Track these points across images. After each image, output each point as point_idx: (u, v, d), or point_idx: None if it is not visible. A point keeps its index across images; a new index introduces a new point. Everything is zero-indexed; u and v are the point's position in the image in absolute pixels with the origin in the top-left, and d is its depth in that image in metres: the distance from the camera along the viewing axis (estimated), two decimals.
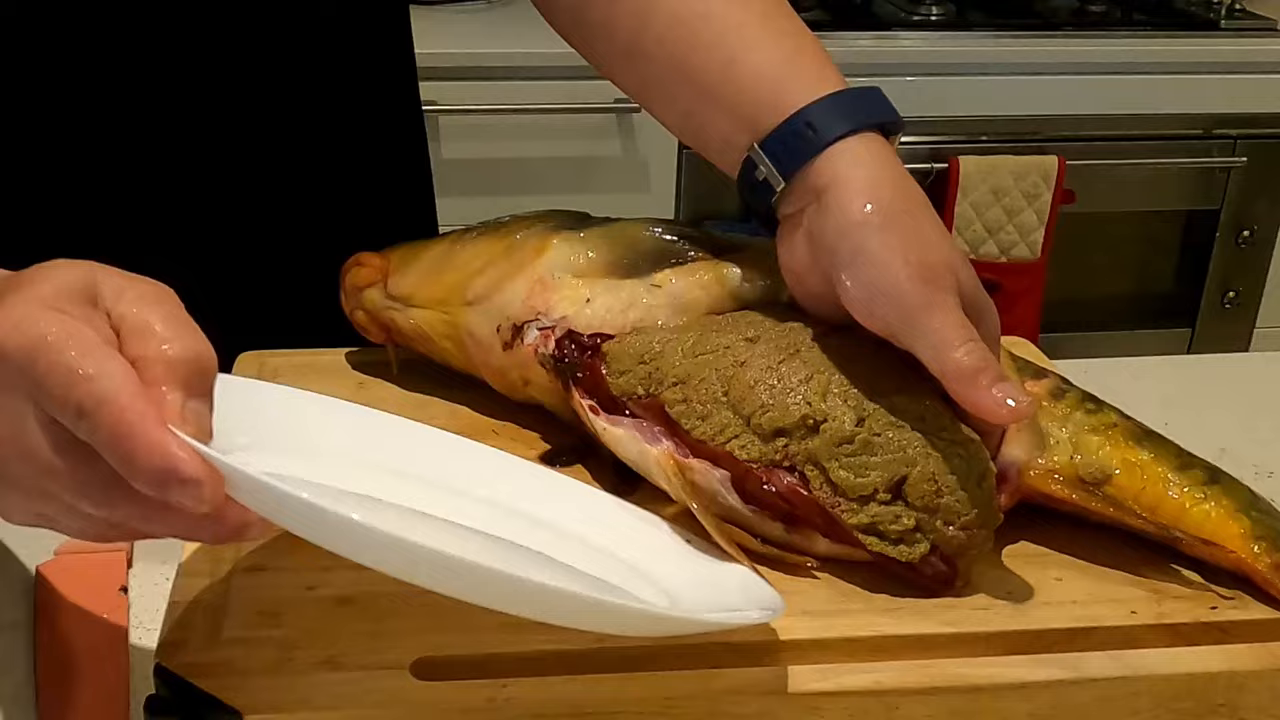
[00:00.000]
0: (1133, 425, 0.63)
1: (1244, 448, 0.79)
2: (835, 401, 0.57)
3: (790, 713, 0.53)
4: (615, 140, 1.79)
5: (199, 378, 0.45)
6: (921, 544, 0.56)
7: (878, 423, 0.57)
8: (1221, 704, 0.55)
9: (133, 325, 0.44)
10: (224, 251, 0.83)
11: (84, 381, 0.41)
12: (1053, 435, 0.61)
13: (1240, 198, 1.98)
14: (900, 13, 1.99)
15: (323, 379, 0.73)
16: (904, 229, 0.58)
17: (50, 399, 0.42)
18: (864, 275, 0.58)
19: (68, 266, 0.46)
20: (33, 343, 0.42)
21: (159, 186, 0.79)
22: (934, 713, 0.53)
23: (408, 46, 0.91)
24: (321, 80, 0.83)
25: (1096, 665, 0.54)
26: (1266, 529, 0.59)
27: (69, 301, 0.44)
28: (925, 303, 0.56)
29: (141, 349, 0.44)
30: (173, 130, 0.78)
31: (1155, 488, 0.60)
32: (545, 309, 0.64)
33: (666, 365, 0.61)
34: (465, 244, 0.69)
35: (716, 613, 0.52)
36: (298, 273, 0.84)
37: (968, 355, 0.55)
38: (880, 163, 0.61)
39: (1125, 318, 2.09)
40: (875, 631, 0.55)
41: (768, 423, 0.57)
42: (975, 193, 1.85)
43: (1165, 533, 0.59)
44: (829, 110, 0.61)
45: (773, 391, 0.58)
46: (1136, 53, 1.91)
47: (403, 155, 0.93)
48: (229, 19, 0.77)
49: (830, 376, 0.58)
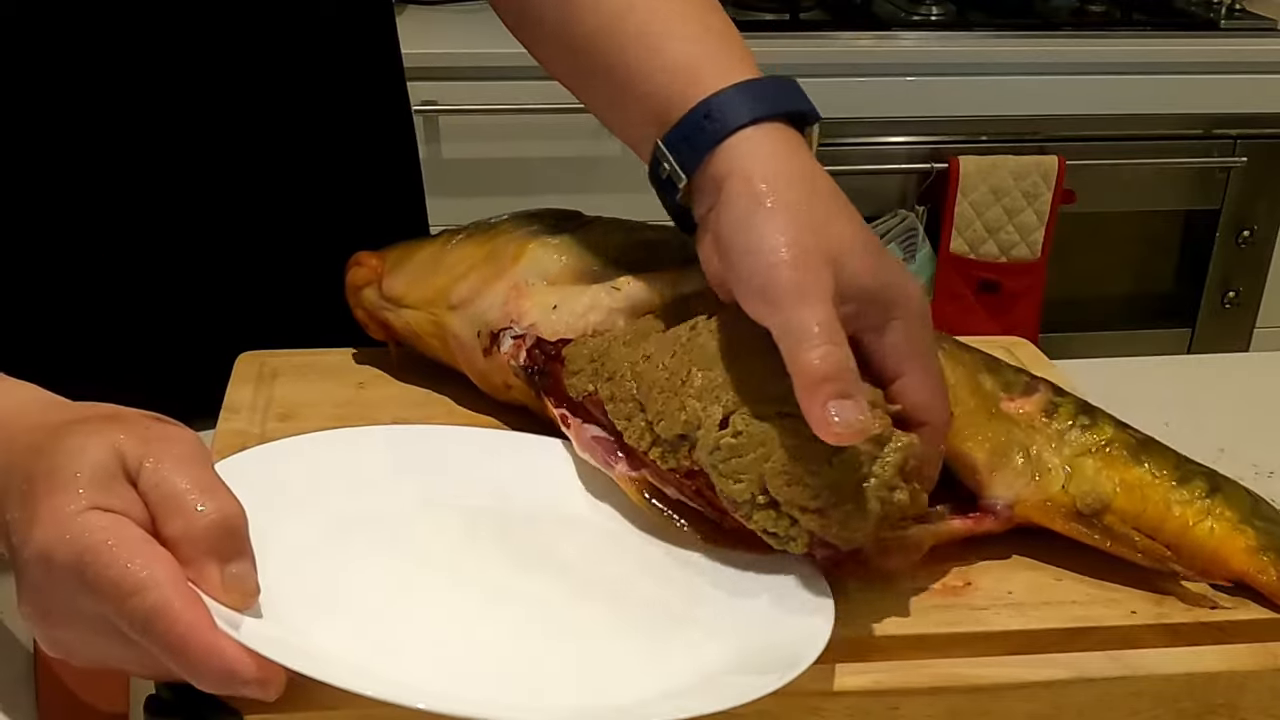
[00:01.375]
0: (1129, 438, 0.61)
1: (1244, 448, 0.79)
2: (709, 400, 0.56)
3: (790, 713, 0.53)
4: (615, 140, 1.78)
5: (232, 539, 0.47)
6: (801, 536, 0.54)
7: (742, 419, 0.55)
8: (1221, 704, 0.55)
9: (164, 497, 0.47)
10: (220, 253, 0.83)
11: (134, 595, 0.45)
12: (1047, 462, 0.60)
13: (1240, 198, 1.98)
14: (900, 13, 1.99)
15: (323, 379, 0.73)
16: (789, 216, 0.55)
17: (105, 607, 0.45)
18: (743, 262, 0.55)
19: (94, 442, 0.47)
20: (78, 555, 0.45)
21: (154, 188, 0.79)
22: (934, 713, 0.53)
23: (394, 46, 0.91)
24: (309, 80, 0.83)
25: (1096, 665, 0.54)
26: (1272, 539, 0.58)
27: (104, 492, 0.46)
28: (792, 292, 0.53)
29: (179, 527, 0.47)
30: (165, 132, 0.78)
31: (1156, 509, 0.59)
32: (518, 316, 0.64)
33: (608, 362, 0.61)
34: (453, 247, 0.70)
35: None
36: (294, 273, 0.84)
37: (820, 359, 0.51)
38: (780, 153, 0.57)
39: (1125, 318, 2.09)
40: (875, 631, 0.55)
41: (664, 431, 0.57)
42: (975, 193, 1.85)
43: (1165, 565, 0.58)
44: (729, 101, 0.58)
45: (664, 395, 0.57)
46: (1136, 53, 1.91)
47: (392, 155, 0.93)
48: (217, 21, 0.78)
49: (708, 374, 0.57)
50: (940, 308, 1.92)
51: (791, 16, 1.95)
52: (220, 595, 0.47)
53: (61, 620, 0.47)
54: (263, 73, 0.81)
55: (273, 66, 0.81)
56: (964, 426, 0.60)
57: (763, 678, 0.49)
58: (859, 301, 0.55)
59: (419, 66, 1.72)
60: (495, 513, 0.60)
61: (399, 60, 0.92)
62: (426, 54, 1.73)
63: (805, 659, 0.50)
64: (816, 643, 0.51)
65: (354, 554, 0.55)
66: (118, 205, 0.79)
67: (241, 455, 0.58)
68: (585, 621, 0.54)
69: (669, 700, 0.49)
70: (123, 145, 0.78)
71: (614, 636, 0.54)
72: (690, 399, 0.56)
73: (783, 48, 1.82)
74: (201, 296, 0.83)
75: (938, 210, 1.88)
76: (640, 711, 0.49)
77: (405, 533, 0.58)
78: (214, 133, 0.80)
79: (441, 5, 1.95)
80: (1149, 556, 0.58)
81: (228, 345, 0.75)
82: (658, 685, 0.50)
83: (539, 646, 0.53)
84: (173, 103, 0.78)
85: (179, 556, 0.47)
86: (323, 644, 0.49)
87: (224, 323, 0.82)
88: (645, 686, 0.50)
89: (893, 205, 1.89)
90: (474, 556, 0.57)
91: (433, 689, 0.47)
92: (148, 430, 0.49)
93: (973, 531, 0.60)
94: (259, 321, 0.81)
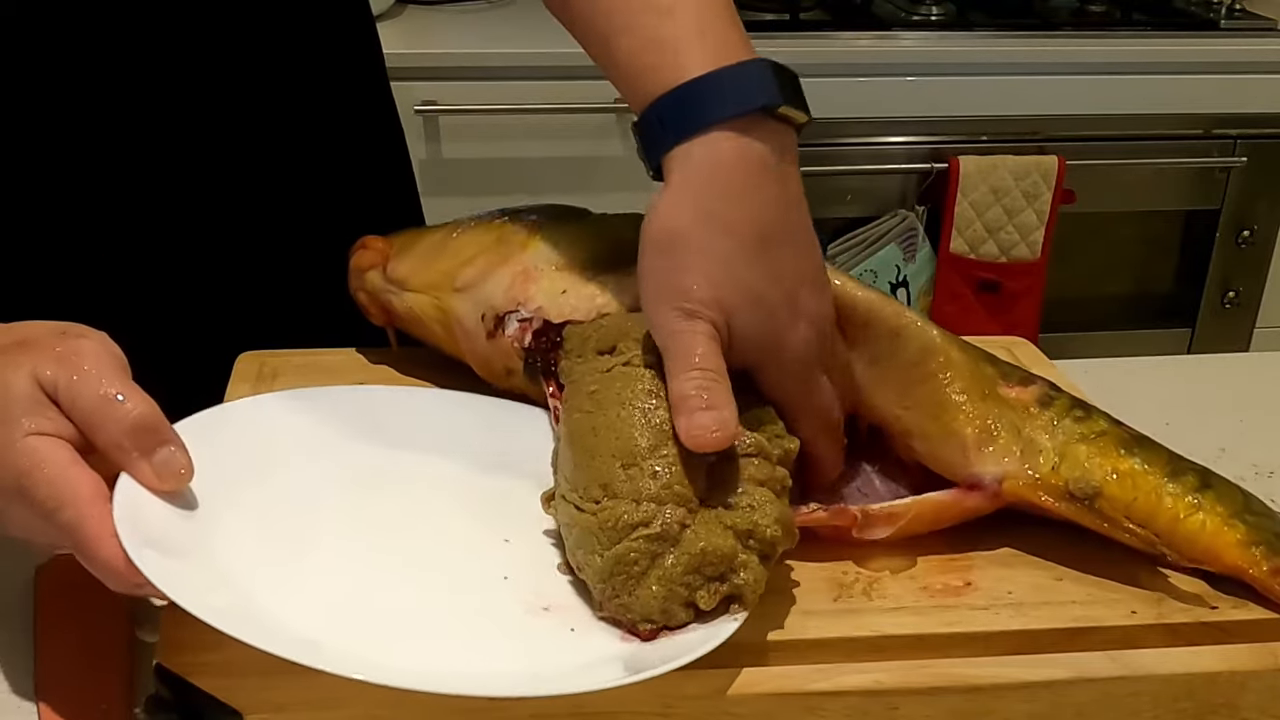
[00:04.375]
0: (1122, 432, 0.62)
1: (1244, 448, 0.79)
2: (636, 473, 0.55)
3: (790, 713, 0.53)
4: (615, 140, 1.79)
5: (153, 433, 0.54)
6: (718, 593, 0.54)
7: (560, 503, 0.57)
8: (1221, 704, 0.55)
9: (85, 412, 0.53)
10: (220, 253, 0.83)
11: (58, 510, 0.52)
12: (1039, 444, 0.60)
13: (1240, 198, 1.98)
14: (900, 13, 1.99)
15: (323, 378, 0.73)
16: (676, 258, 0.57)
17: (37, 520, 0.53)
18: (640, 293, 0.59)
19: (13, 376, 0.53)
20: (16, 478, 0.52)
21: (154, 188, 0.79)
22: (934, 713, 0.53)
23: (374, 45, 0.91)
24: (298, 81, 0.83)
25: (1096, 665, 0.54)
26: (1262, 533, 0.58)
27: (35, 419, 0.53)
28: (672, 330, 0.56)
29: (105, 436, 0.53)
30: (162, 133, 0.78)
31: (1147, 499, 0.59)
32: (525, 300, 0.65)
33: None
34: (461, 233, 0.70)
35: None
36: (293, 273, 0.84)
37: (688, 382, 0.55)
38: (697, 177, 0.58)
39: (1125, 318, 2.09)
40: (875, 631, 0.55)
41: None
42: (975, 193, 1.85)
43: (1154, 549, 0.58)
44: (682, 102, 0.59)
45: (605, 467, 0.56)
46: (1136, 53, 1.91)
47: (382, 154, 0.93)
48: (207, 23, 0.78)
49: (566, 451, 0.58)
50: (940, 308, 1.92)
51: (791, 16, 1.95)
52: (155, 483, 0.54)
53: (8, 521, 0.54)
54: (253, 73, 0.81)
55: (261, 68, 0.81)
56: (958, 405, 0.61)
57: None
58: (744, 348, 0.58)
59: (419, 66, 1.72)
60: (433, 474, 0.62)
61: (380, 59, 0.92)
62: (426, 54, 1.73)
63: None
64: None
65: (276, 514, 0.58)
66: (116, 206, 0.79)
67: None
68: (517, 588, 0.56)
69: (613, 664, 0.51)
70: (121, 146, 0.77)
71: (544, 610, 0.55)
72: (617, 477, 0.56)
73: (783, 48, 1.82)
74: (202, 296, 0.83)
75: (938, 210, 1.88)
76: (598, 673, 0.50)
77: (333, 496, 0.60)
78: (209, 134, 0.80)
79: (442, 5, 1.95)
80: (1139, 540, 0.58)
81: (228, 345, 0.75)
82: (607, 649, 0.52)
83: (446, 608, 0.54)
84: (167, 103, 0.78)
85: (112, 459, 0.53)
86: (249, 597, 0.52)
87: (224, 323, 0.82)
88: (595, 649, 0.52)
89: (893, 205, 1.89)
90: (391, 515, 0.60)
91: (327, 646, 0.50)
92: (56, 349, 0.54)
93: (960, 504, 0.60)
94: (259, 321, 0.81)
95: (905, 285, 1.87)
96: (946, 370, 0.62)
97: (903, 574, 0.59)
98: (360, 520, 0.59)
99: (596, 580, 0.54)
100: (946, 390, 0.62)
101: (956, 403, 0.62)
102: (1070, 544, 0.61)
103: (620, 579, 0.53)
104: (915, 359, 0.62)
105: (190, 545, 0.53)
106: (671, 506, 0.53)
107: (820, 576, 0.59)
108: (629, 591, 0.53)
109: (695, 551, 0.53)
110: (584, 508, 0.55)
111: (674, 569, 0.53)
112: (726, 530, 0.54)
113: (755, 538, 0.54)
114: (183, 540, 0.53)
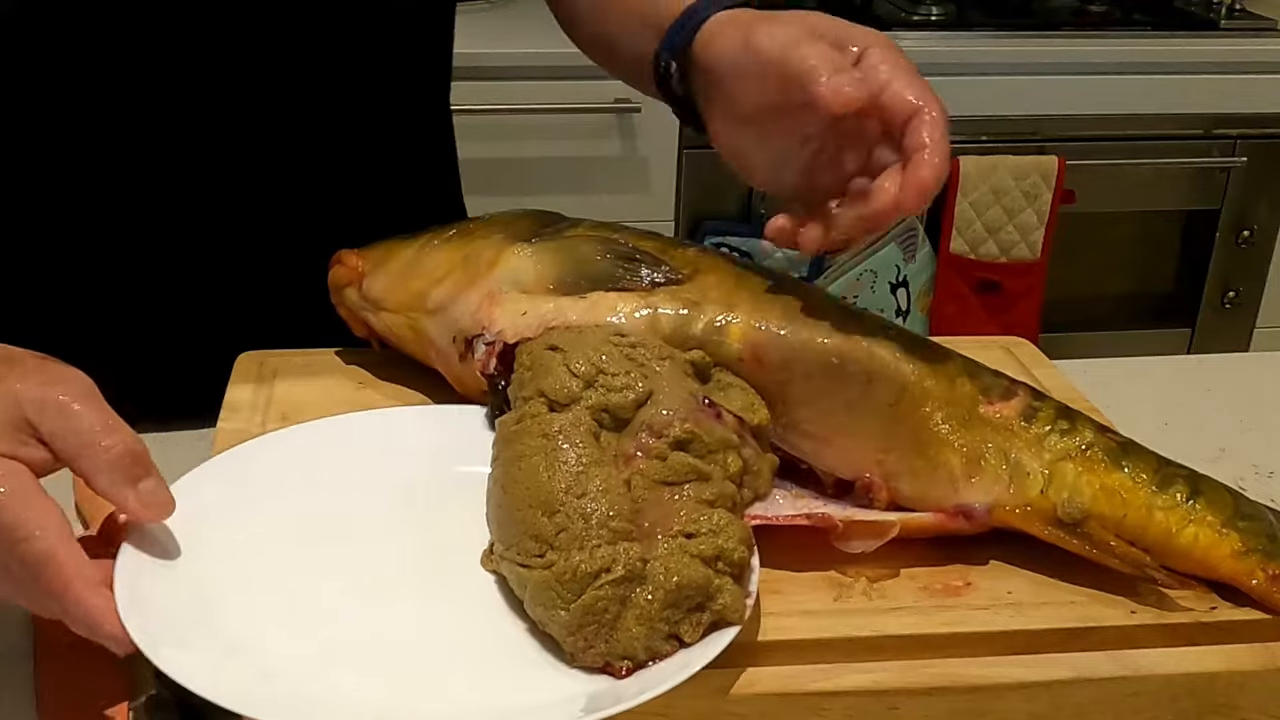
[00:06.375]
0: (1109, 441, 0.61)
1: (1244, 448, 0.79)
2: (563, 519, 0.54)
3: (790, 713, 0.53)
4: (615, 140, 1.79)
5: (138, 464, 0.53)
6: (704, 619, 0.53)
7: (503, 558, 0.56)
8: (1221, 704, 0.55)
9: (72, 438, 0.52)
10: (221, 253, 0.83)
11: (24, 541, 0.49)
12: (1025, 467, 0.60)
13: (1240, 198, 1.98)
14: (900, 13, 1.99)
15: (323, 379, 0.73)
16: (774, 17, 0.65)
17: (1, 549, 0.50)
18: (749, 56, 0.64)
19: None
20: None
21: (160, 189, 0.79)
22: (934, 713, 0.53)
23: (447, 49, 0.90)
24: (348, 81, 0.83)
25: (1096, 665, 0.54)
26: (1256, 539, 0.58)
27: (7, 442, 0.51)
28: (799, 42, 0.62)
29: (89, 463, 0.52)
30: (175, 133, 0.78)
31: (1138, 514, 0.59)
32: (489, 323, 0.64)
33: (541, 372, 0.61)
34: (432, 250, 0.70)
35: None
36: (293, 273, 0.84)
37: (840, 78, 0.60)
38: (740, 13, 0.68)
39: (1125, 318, 2.09)
40: (875, 631, 0.55)
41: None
42: (975, 193, 1.85)
43: (1144, 571, 0.58)
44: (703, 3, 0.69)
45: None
46: (1136, 53, 1.91)
47: (429, 155, 0.93)
48: (260, 19, 0.77)
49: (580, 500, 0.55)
50: (940, 308, 1.92)
51: None
52: (140, 512, 0.53)
53: None
54: (301, 74, 0.80)
55: (312, 67, 0.80)
56: (942, 437, 0.60)
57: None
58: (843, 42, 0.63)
59: None
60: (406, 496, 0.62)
61: (449, 64, 0.91)
62: None
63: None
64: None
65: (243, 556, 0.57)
66: (125, 205, 0.79)
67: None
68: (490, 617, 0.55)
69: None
70: (136, 145, 0.77)
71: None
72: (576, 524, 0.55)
73: None
74: (202, 296, 0.83)
75: (938, 210, 1.88)
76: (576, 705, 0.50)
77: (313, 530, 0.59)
78: (230, 133, 0.80)
79: None
80: (1129, 563, 0.58)
81: (228, 345, 0.75)
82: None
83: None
84: (187, 105, 0.78)
85: (95, 486, 0.52)
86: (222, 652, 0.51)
87: (224, 323, 0.82)
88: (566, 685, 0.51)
89: None
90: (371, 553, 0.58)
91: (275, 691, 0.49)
92: (41, 374, 0.53)
93: (943, 527, 0.60)
94: (259, 321, 0.81)
95: (905, 285, 1.87)
96: (925, 404, 0.61)
97: (903, 574, 0.59)
98: (358, 567, 0.57)
99: (565, 634, 0.52)
100: (928, 425, 0.61)
101: (940, 435, 0.60)
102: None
103: (592, 629, 0.52)
104: (891, 399, 0.61)
105: (198, 627, 0.52)
106: (624, 544, 0.53)
107: (820, 576, 0.59)
108: (604, 639, 0.52)
109: (670, 587, 0.52)
110: (529, 564, 0.53)
111: (651, 606, 0.52)
112: (694, 560, 0.53)
113: (724, 560, 0.53)
114: (189, 621, 0.52)
